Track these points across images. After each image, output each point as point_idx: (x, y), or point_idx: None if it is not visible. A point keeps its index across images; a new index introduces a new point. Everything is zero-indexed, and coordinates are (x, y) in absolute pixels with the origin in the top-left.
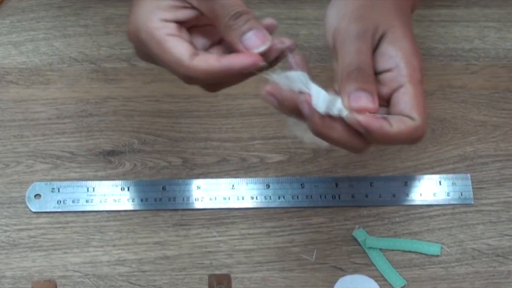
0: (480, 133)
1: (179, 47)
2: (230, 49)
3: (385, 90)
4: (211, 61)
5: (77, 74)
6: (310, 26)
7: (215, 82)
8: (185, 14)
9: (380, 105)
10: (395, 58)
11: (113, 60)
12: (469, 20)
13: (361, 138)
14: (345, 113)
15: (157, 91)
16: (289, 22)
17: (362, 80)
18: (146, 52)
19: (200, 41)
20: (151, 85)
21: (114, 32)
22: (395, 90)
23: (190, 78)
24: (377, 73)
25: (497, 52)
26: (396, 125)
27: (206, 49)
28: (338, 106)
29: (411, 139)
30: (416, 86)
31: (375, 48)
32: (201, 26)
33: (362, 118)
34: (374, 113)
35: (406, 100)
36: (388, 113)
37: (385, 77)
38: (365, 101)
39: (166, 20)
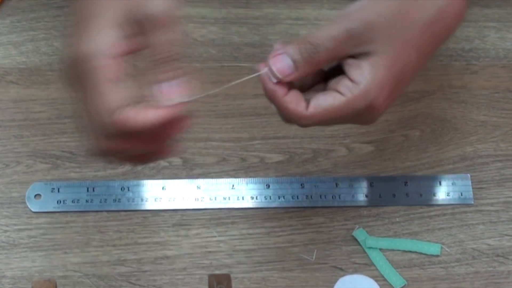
0: (480, 133)
1: (113, 93)
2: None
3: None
4: (139, 111)
5: None
6: (310, 26)
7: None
8: (132, 45)
9: None
10: (363, 77)
11: None
12: (469, 20)
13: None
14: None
15: None
16: (289, 22)
17: (305, 52)
18: (73, 81)
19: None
20: None
21: None
22: (335, 90)
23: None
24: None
25: (497, 52)
26: (289, 97)
27: None
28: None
29: (292, 116)
30: (342, 107)
31: (351, 55)
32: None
33: (266, 81)
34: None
35: (324, 99)
36: None
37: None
38: (284, 66)
39: (111, 58)
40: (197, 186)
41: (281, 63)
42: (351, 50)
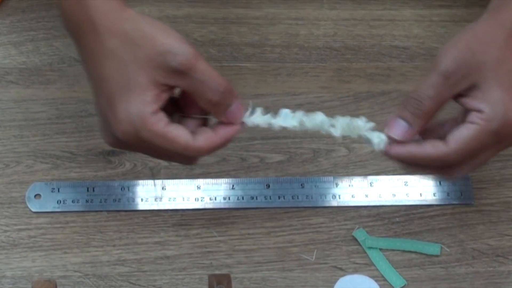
0: None
1: (180, 134)
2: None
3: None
4: (211, 136)
5: (77, 74)
6: (310, 26)
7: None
8: (165, 98)
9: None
10: (484, 103)
11: None
12: (469, 20)
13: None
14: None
15: None
16: (289, 22)
17: (412, 108)
18: (145, 148)
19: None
20: None
21: None
22: (466, 122)
23: (194, 158)
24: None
25: None
26: (426, 146)
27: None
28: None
29: (437, 163)
30: (480, 134)
31: (462, 92)
32: None
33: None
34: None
35: (460, 133)
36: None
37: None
38: (400, 128)
39: (156, 112)
40: (197, 186)
41: (397, 128)
42: (455, 89)
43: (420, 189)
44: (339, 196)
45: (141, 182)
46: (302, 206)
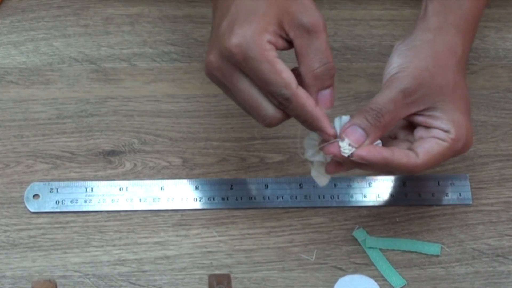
0: (480, 133)
1: (288, 72)
2: None
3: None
4: (309, 98)
5: (77, 74)
6: None
7: (297, 116)
8: (281, 43)
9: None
10: (450, 125)
11: (113, 60)
12: None
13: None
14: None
15: (157, 91)
16: None
17: (371, 119)
18: (240, 68)
19: None
20: (151, 85)
21: (114, 32)
22: (433, 137)
23: (288, 103)
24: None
25: (497, 52)
26: (399, 154)
27: None
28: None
29: (405, 170)
30: (447, 151)
31: (418, 112)
32: None
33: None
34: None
35: (431, 148)
36: None
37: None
38: (358, 136)
39: (272, 44)
40: (196, 187)
41: (354, 134)
42: (412, 108)
43: (418, 189)
44: (337, 196)
45: (140, 182)
46: (300, 206)
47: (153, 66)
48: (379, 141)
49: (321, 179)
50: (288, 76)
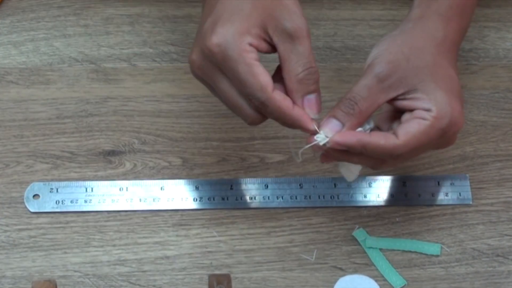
0: (480, 133)
1: (265, 76)
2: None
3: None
4: (286, 99)
5: (77, 74)
6: (310, 26)
7: (276, 119)
8: (265, 47)
9: None
10: (431, 103)
11: (113, 60)
12: None
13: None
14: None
15: (157, 91)
16: None
17: (345, 108)
18: (219, 68)
19: None
20: (151, 85)
21: (114, 32)
22: (415, 118)
23: (264, 106)
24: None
25: (497, 52)
26: (376, 136)
27: None
28: None
29: (385, 153)
30: (429, 129)
31: (399, 96)
32: None
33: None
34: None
35: (411, 127)
36: None
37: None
38: (333, 125)
39: (253, 46)
40: (196, 187)
41: (328, 124)
42: (390, 92)
43: (418, 190)
44: (337, 196)
45: (140, 182)
46: (300, 206)
47: (153, 66)
48: (367, 129)
49: (349, 174)
50: (264, 79)
